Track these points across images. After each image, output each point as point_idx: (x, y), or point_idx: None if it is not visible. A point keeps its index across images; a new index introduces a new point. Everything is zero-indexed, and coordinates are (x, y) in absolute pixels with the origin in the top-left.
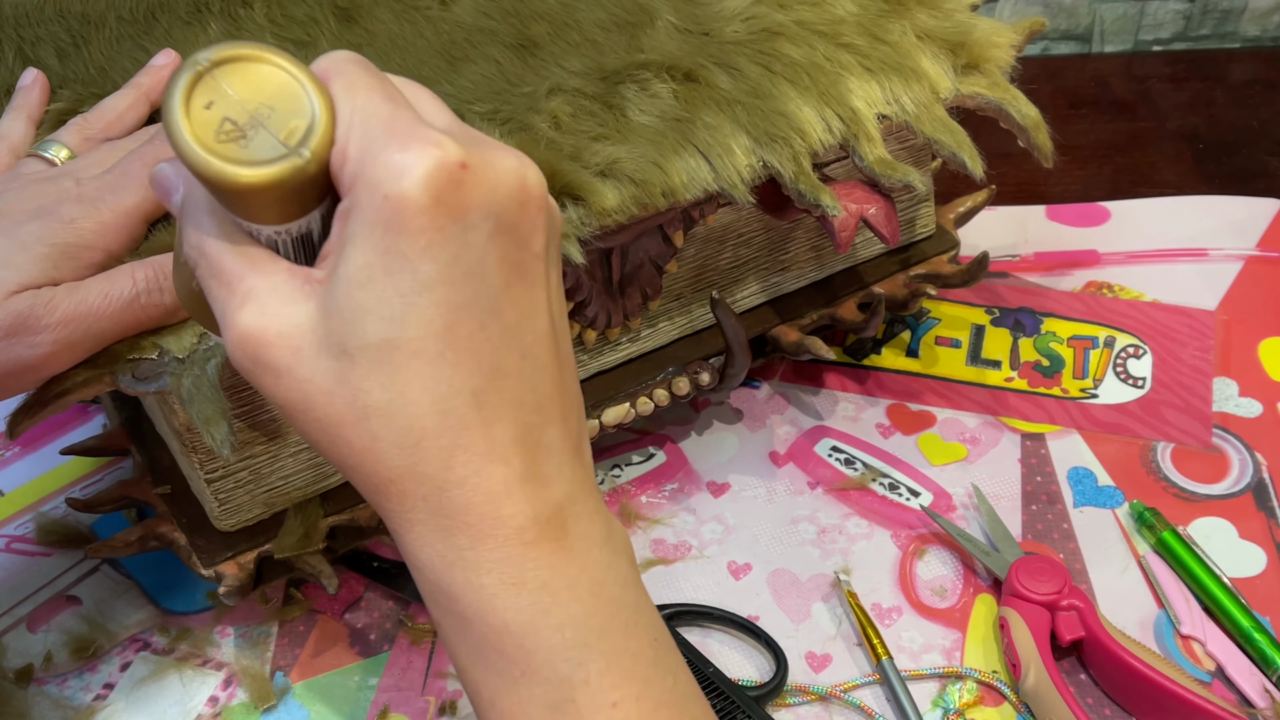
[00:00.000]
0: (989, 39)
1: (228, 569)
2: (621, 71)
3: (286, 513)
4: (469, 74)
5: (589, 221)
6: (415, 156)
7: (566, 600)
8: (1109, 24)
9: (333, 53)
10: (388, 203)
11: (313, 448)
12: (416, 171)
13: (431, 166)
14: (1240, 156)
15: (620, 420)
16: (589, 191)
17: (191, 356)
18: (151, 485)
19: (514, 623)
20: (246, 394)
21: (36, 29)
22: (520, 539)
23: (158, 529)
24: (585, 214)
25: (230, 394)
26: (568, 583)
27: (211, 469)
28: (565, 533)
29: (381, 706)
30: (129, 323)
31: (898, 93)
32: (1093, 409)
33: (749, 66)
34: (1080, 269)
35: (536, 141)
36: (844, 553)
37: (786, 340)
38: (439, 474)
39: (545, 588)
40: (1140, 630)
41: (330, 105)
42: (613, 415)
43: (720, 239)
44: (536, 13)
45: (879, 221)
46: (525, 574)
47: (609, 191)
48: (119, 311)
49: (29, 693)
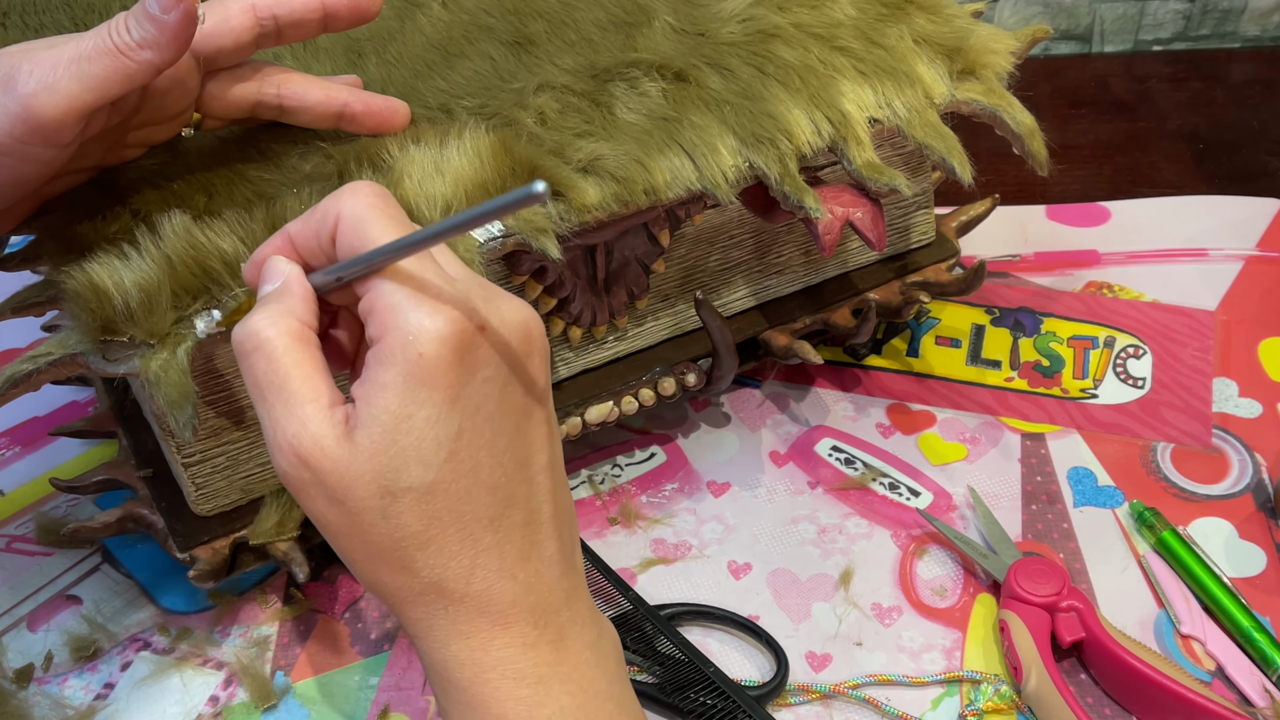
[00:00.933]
0: (987, 45)
1: (202, 553)
2: (612, 69)
3: (263, 499)
4: (463, 69)
5: (569, 217)
6: (443, 322)
7: (559, 693)
8: (1109, 24)
9: (356, 191)
10: (422, 360)
11: (342, 559)
12: (444, 334)
13: (456, 331)
14: (1240, 156)
15: (604, 419)
16: (569, 187)
17: (163, 340)
18: (135, 469)
19: (512, 712)
20: (219, 380)
21: (42, 16)
22: (523, 642)
23: (137, 512)
24: (566, 210)
25: (202, 379)
26: (560, 678)
27: (189, 454)
28: (561, 636)
29: (382, 706)
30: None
31: (890, 97)
32: (1093, 409)
33: (741, 68)
34: (1080, 269)
35: (519, 136)
36: (844, 552)
37: (776, 344)
38: (459, 589)
39: (541, 682)
40: (1140, 630)
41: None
42: (596, 413)
43: (709, 240)
44: (536, 11)
45: (865, 226)
46: (525, 670)
47: (590, 188)
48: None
49: (29, 692)
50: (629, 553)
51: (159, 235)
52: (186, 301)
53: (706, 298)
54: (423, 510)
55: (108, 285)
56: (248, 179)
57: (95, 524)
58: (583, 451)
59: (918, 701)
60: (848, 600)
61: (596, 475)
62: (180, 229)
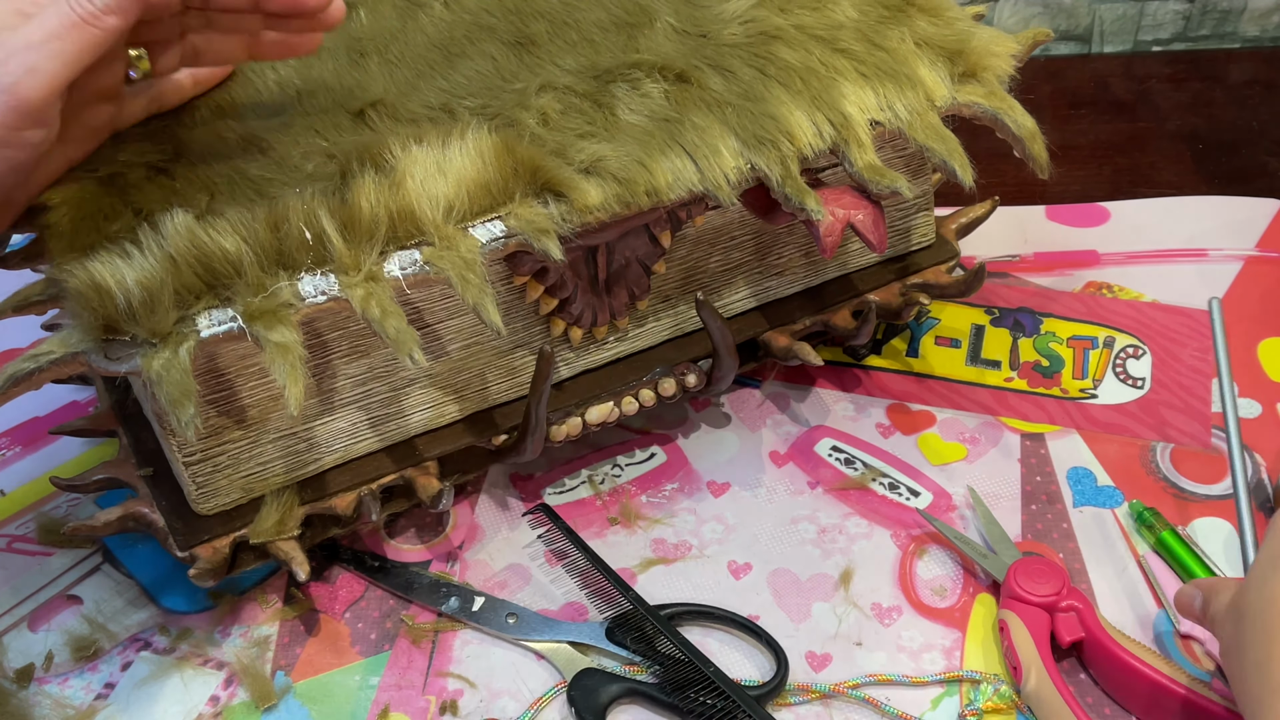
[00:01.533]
0: (988, 48)
1: (202, 552)
2: (614, 70)
3: (264, 499)
4: (464, 69)
5: (571, 218)
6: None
7: None
8: (1109, 24)
9: None
10: None
11: None
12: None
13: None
14: (1240, 156)
15: (604, 419)
16: (571, 188)
17: (165, 339)
18: (135, 467)
19: None
20: (220, 380)
21: None
22: None
23: (137, 511)
24: (567, 210)
25: (203, 379)
26: None
27: (190, 453)
28: None
29: (382, 706)
30: (87, 40)
31: (892, 99)
32: (1092, 409)
33: (743, 69)
34: (1080, 269)
35: (521, 137)
36: (844, 552)
37: (777, 345)
38: None
39: None
40: (1140, 630)
41: None
42: (596, 414)
43: (710, 241)
44: (537, 11)
45: (866, 228)
46: None
47: (592, 189)
48: (69, 30)
49: (30, 692)
50: (629, 553)
51: (161, 234)
52: (189, 300)
53: (707, 299)
54: None
55: (109, 284)
56: (249, 178)
57: (96, 523)
58: (583, 451)
59: (917, 701)
60: (848, 600)
61: (596, 475)
62: (182, 228)
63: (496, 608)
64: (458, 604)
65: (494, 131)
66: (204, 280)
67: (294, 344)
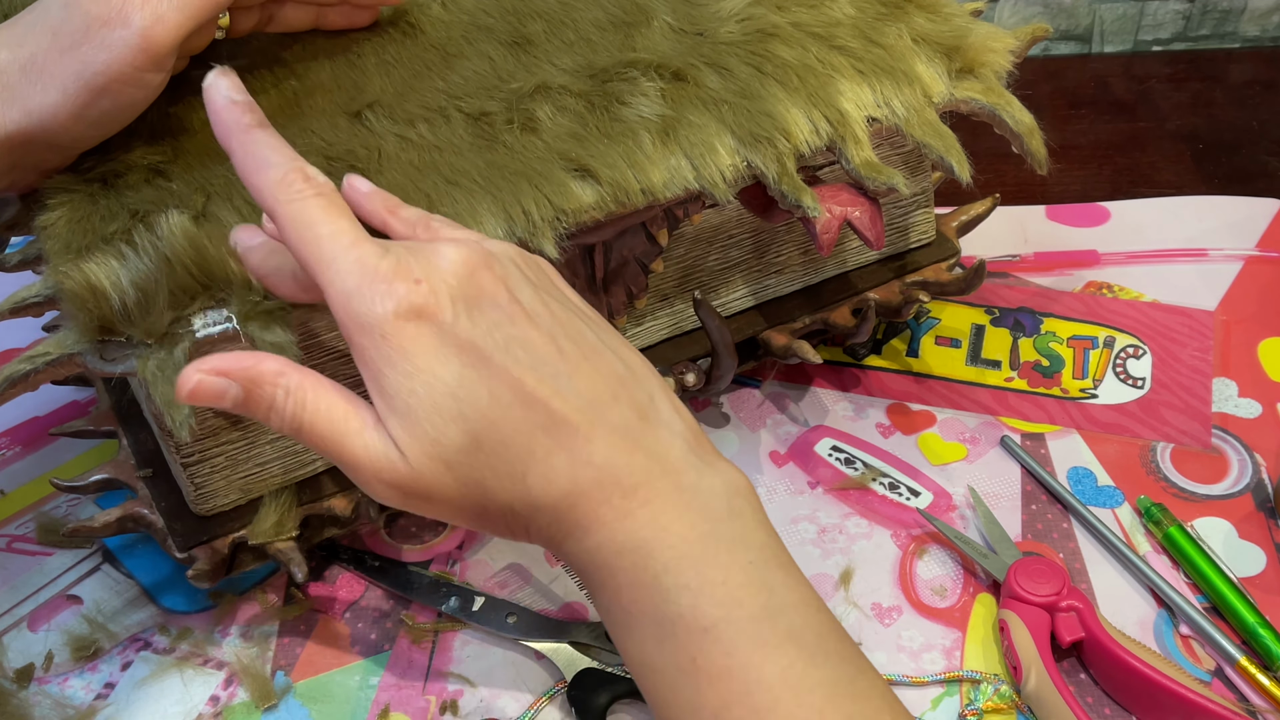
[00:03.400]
0: (985, 44)
1: (201, 553)
2: (610, 69)
3: (262, 499)
4: (461, 69)
5: (566, 217)
6: (383, 298)
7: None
8: (1109, 24)
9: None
10: (385, 341)
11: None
12: (390, 308)
13: (400, 301)
14: (1240, 156)
15: None
16: (566, 187)
17: (160, 340)
18: (134, 469)
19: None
20: None
21: None
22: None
23: (136, 511)
24: (563, 209)
25: None
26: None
27: (188, 453)
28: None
29: (382, 706)
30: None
31: (889, 96)
32: (1092, 409)
33: (740, 67)
34: (1080, 269)
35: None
36: (844, 552)
37: (776, 344)
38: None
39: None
40: (1140, 630)
41: None
42: None
43: (708, 240)
44: (535, 11)
45: (863, 225)
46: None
47: (587, 188)
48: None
49: (30, 692)
50: None
51: (157, 235)
52: (184, 301)
53: (705, 297)
54: (482, 458)
55: (105, 285)
56: None
57: (95, 524)
58: None
59: (917, 701)
60: (848, 600)
61: None
62: (178, 229)
63: (496, 607)
64: (458, 604)
65: (495, 134)
66: (199, 281)
67: (289, 345)
